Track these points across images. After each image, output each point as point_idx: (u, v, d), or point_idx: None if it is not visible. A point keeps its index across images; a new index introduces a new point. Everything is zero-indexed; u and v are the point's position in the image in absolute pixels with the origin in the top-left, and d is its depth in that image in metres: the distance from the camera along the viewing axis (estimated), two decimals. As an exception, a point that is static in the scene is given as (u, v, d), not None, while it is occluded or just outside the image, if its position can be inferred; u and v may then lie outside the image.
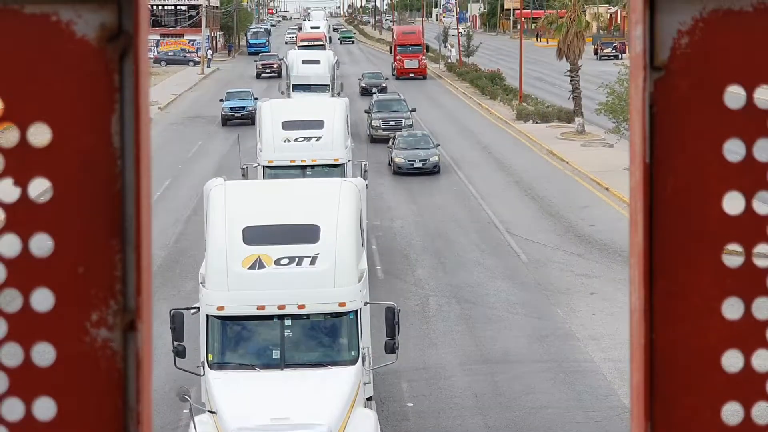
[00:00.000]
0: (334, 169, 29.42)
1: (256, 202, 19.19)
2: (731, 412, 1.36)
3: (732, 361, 1.36)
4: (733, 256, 1.40)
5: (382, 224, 33.52)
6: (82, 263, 1.30)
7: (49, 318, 1.30)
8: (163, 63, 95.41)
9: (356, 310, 17.25)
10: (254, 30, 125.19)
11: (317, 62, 55.80)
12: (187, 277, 28.05)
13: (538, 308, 25.56)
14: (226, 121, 56.58)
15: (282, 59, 73.18)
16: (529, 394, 20.60)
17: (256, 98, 52.36)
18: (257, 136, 32.35)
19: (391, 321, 17.31)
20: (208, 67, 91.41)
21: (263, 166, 29.95)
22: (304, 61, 55.87)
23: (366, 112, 52.65)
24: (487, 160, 45.80)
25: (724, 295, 1.35)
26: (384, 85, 69.19)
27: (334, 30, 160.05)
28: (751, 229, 1.35)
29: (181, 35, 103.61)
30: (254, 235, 17.70)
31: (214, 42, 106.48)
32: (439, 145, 43.47)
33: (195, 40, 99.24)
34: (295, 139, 30.23)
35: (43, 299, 1.32)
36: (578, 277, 27.97)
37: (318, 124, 30.63)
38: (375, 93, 56.60)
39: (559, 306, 25.68)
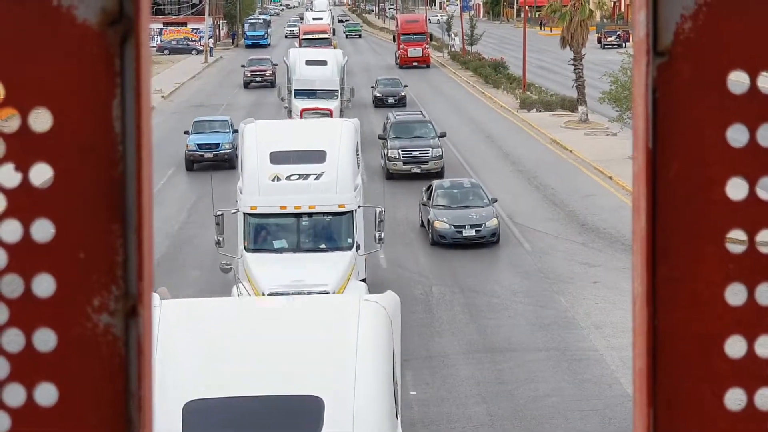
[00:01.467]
0: (340, 217, 23.84)
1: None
2: (734, 398, 1.36)
3: (735, 347, 1.36)
4: (736, 243, 1.39)
5: (386, 214, 33.50)
6: (83, 248, 1.30)
7: (50, 303, 1.30)
8: (166, 52, 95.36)
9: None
10: (252, 21, 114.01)
11: (323, 63, 47.22)
12: (191, 265, 28.09)
13: (541, 297, 25.57)
14: (192, 164, 40.32)
15: (276, 65, 66.58)
16: (532, 382, 20.62)
17: (235, 130, 35.77)
18: (239, 170, 25.95)
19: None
20: (211, 56, 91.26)
21: (244, 214, 23.65)
22: (308, 62, 47.11)
23: (380, 138, 41.21)
24: (490, 148, 45.77)
25: (727, 281, 1.34)
26: (402, 94, 58.54)
27: (340, 21, 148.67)
28: (755, 214, 1.35)
29: (184, 24, 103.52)
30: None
31: (217, 30, 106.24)
32: (496, 201, 31.14)
33: (198, 28, 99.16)
34: (288, 177, 23.88)
35: (44, 285, 1.32)
36: (581, 265, 27.97)
37: (318, 157, 24.22)
38: (390, 119, 42.25)
39: (563, 294, 25.69)
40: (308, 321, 12.39)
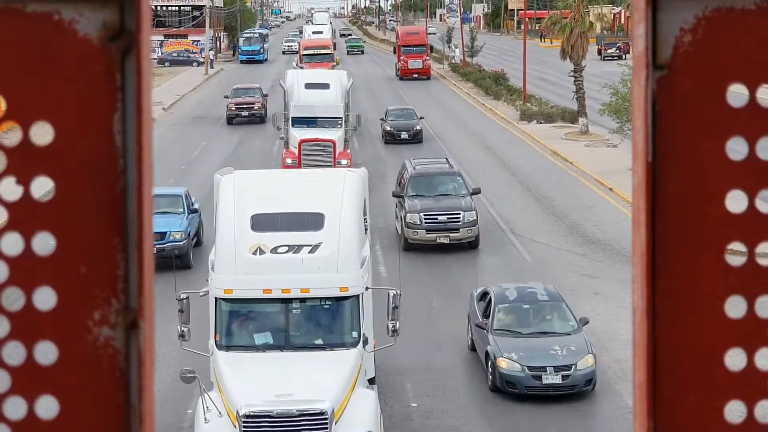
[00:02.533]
0: (342, 304, 18.12)
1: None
2: (734, 411, 1.36)
3: (735, 359, 1.36)
4: (736, 255, 1.40)
5: (386, 223, 33.51)
6: (84, 262, 1.30)
7: (51, 316, 1.30)
8: (166, 64, 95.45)
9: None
10: (247, 35, 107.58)
11: (325, 86, 40.50)
12: (190, 277, 28.05)
13: (542, 308, 25.51)
14: None
15: (266, 96, 57.55)
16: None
17: (194, 210, 30.89)
18: (213, 234, 19.56)
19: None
20: (211, 68, 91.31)
21: (217, 299, 18.04)
22: (308, 85, 40.50)
23: (395, 197, 32.13)
24: (490, 160, 45.78)
25: (727, 293, 1.35)
26: (418, 127, 49.20)
27: (342, 36, 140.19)
28: (754, 227, 1.35)
29: (185, 36, 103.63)
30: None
31: (217, 43, 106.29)
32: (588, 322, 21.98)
33: (199, 40, 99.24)
34: (274, 250, 18.05)
35: (45, 298, 1.33)
36: (582, 277, 27.96)
37: (314, 222, 18.51)
38: (408, 169, 33.02)
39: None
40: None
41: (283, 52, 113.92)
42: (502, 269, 28.91)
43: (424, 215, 30.20)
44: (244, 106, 56.70)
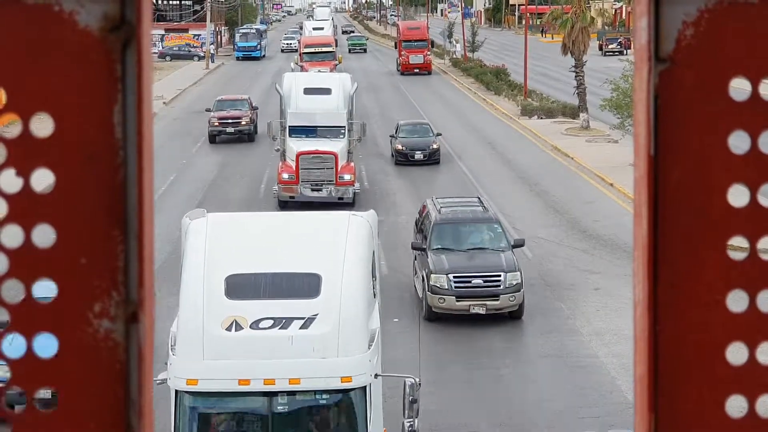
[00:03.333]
0: (345, 400, 13.73)
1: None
2: (736, 405, 1.36)
3: (736, 354, 1.36)
4: (737, 249, 1.39)
5: (387, 219, 33.51)
6: (84, 254, 1.30)
7: (51, 309, 1.30)
8: (167, 58, 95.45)
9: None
10: (244, 31, 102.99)
11: (326, 91, 36.47)
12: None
13: (542, 303, 25.55)
14: None
15: (256, 108, 50.22)
16: (533, 389, 20.60)
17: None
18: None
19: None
20: (212, 62, 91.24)
21: (177, 391, 13.57)
22: (308, 90, 36.39)
23: (415, 250, 25.41)
24: (491, 155, 45.77)
25: (728, 287, 1.34)
26: (435, 146, 42.00)
27: (344, 33, 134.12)
28: (756, 221, 1.34)
29: (186, 30, 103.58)
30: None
31: (218, 37, 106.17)
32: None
33: (200, 35, 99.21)
34: (255, 324, 13.66)
35: (45, 290, 1.32)
36: (583, 272, 27.96)
37: (308, 286, 14.16)
38: (431, 214, 26.14)
39: (564, 301, 25.67)
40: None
41: (282, 50, 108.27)
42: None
43: (454, 277, 23.54)
44: (230, 121, 48.29)
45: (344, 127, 35.73)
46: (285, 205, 34.25)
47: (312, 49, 73.69)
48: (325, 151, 34.43)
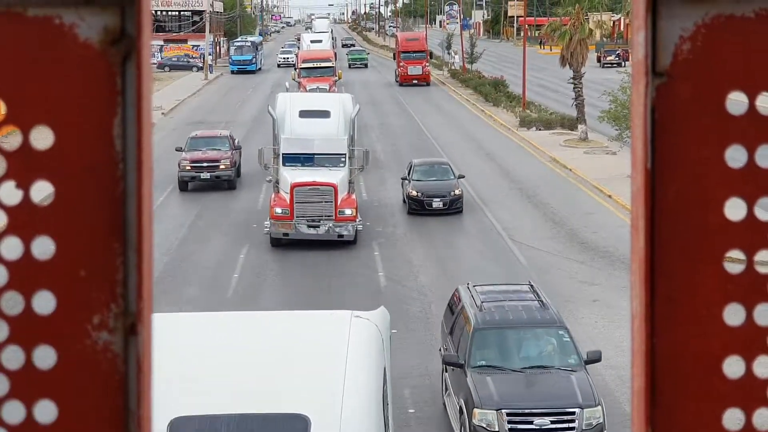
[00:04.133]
0: None
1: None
2: (733, 418, 1.36)
3: (733, 367, 1.36)
4: (735, 263, 1.40)
5: (384, 231, 33.51)
6: (83, 266, 1.30)
7: (50, 321, 1.31)
8: (166, 68, 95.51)
9: None
10: (239, 44, 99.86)
11: (325, 114, 32.61)
12: (189, 283, 28.06)
13: (540, 315, 25.51)
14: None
15: (239, 147, 41.96)
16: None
17: None
18: None
19: None
20: (211, 72, 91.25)
21: None
22: (304, 113, 32.53)
23: (449, 363, 18.46)
24: (490, 166, 45.80)
25: (725, 301, 1.35)
26: (458, 192, 35.16)
27: (343, 46, 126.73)
28: (753, 235, 1.35)
29: (185, 41, 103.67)
30: None
31: (217, 48, 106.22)
32: None
33: (199, 45, 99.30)
34: None
35: (44, 302, 1.33)
36: (581, 284, 27.96)
37: None
38: (470, 314, 18.84)
39: (562, 313, 25.64)
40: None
41: (278, 65, 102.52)
42: (500, 275, 28.91)
43: (508, 414, 16.82)
44: (205, 164, 38.91)
45: (345, 154, 31.96)
46: (278, 243, 30.90)
47: (310, 64, 68.46)
48: (324, 182, 30.72)
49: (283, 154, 31.71)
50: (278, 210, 30.74)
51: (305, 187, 30.68)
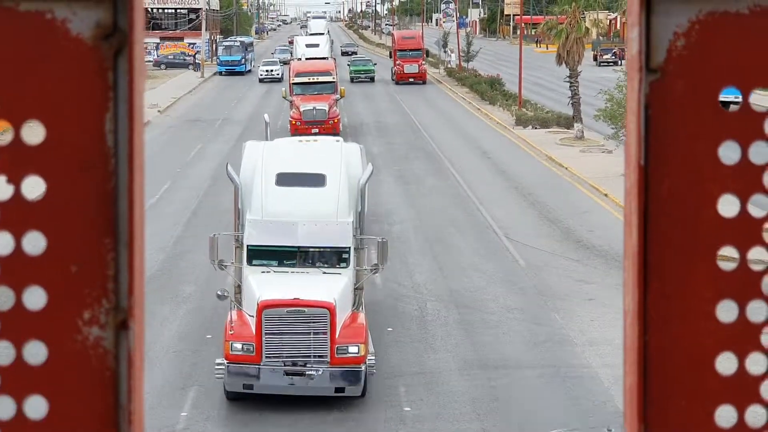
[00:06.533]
0: None
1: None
2: (725, 416, 1.36)
3: (726, 364, 1.36)
4: (728, 260, 1.40)
5: (380, 229, 33.52)
6: (74, 262, 1.30)
7: (41, 316, 1.30)
8: (162, 66, 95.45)
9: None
10: (227, 44, 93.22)
11: (316, 180, 21.72)
12: (185, 281, 28.06)
13: (536, 313, 25.56)
14: None
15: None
16: (526, 399, 20.59)
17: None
18: None
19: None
20: (197, 71, 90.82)
21: None
22: (283, 178, 21.71)
23: None
24: (486, 165, 45.82)
25: (718, 297, 1.35)
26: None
27: (344, 54, 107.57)
28: (746, 232, 1.35)
29: (181, 38, 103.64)
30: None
31: (213, 45, 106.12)
32: None
33: (195, 43, 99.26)
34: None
35: (35, 297, 1.32)
36: (577, 282, 27.97)
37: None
38: None
39: (557, 311, 25.67)
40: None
41: (260, 80, 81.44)
42: (496, 274, 28.94)
43: None
44: None
45: (349, 249, 20.67)
46: (236, 397, 19.74)
47: (305, 79, 52.26)
48: (314, 302, 19.43)
49: (248, 246, 20.53)
50: (237, 345, 19.51)
51: (282, 308, 19.40)
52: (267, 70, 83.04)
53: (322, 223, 20.69)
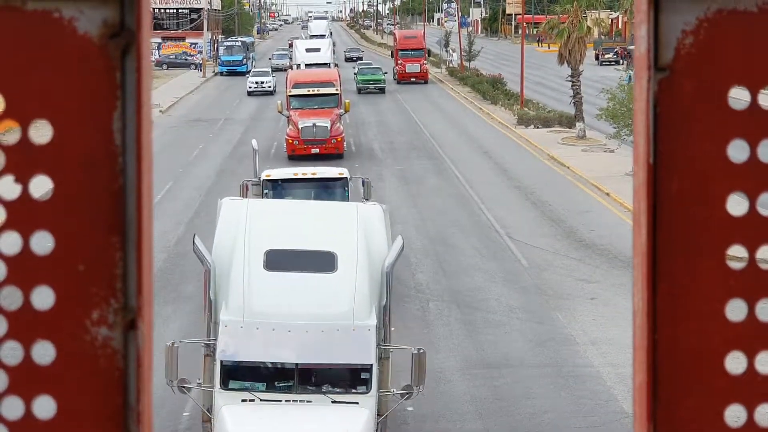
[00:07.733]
0: None
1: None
2: (734, 415, 1.36)
3: (735, 363, 1.36)
4: (737, 258, 1.39)
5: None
6: (82, 261, 1.30)
7: (49, 316, 1.30)
8: (164, 66, 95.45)
9: None
10: (228, 44, 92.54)
11: (323, 263, 16.02)
12: (187, 280, 28.05)
13: (538, 313, 25.55)
14: None
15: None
16: (529, 398, 20.58)
17: None
18: None
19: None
20: (198, 70, 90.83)
21: None
22: (274, 260, 16.01)
23: None
24: (488, 164, 45.80)
25: (727, 296, 1.34)
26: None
27: (348, 60, 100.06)
28: (755, 230, 1.34)
29: (183, 38, 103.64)
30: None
31: (215, 45, 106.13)
32: None
33: (197, 43, 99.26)
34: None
35: (43, 297, 1.32)
36: (579, 282, 27.96)
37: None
38: None
39: (560, 311, 25.66)
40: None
41: (249, 93, 71.48)
42: (498, 273, 28.93)
43: None
44: None
45: (370, 368, 15.31)
46: None
47: (304, 90, 45.41)
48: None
49: (222, 362, 15.02)
50: None
51: None
52: (257, 82, 72.32)
53: (332, 328, 15.01)
